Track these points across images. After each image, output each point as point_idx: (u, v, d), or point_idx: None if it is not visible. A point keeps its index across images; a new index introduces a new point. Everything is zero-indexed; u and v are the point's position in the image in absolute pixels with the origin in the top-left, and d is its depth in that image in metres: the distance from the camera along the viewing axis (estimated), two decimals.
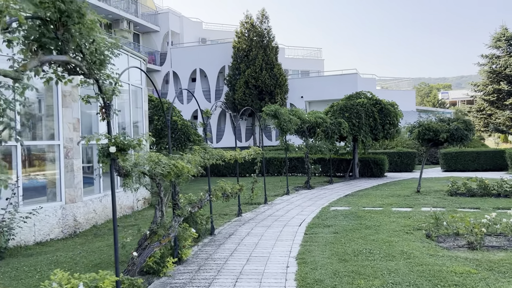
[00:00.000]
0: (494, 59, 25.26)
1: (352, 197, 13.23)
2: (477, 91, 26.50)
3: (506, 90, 24.08)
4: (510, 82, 24.25)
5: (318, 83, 32.73)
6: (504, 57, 24.81)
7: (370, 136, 18.75)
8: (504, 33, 24.87)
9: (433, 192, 13.49)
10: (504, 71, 24.28)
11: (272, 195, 14.16)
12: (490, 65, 25.28)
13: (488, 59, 25.61)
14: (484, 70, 25.68)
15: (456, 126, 11.80)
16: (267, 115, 12.89)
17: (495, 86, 24.65)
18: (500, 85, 24.42)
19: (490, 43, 25.58)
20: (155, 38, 36.94)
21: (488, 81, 25.38)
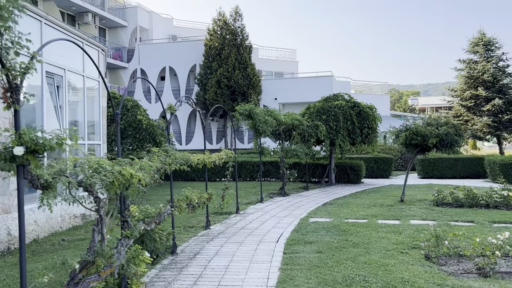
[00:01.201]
0: (471, 64, 24.89)
1: (331, 206, 12.13)
2: (455, 96, 26.10)
3: (484, 95, 23.70)
4: (488, 87, 23.90)
5: (293, 85, 31.74)
6: (481, 62, 24.46)
7: (348, 140, 17.78)
8: (481, 37, 24.55)
9: (417, 202, 12.55)
10: (482, 76, 23.92)
11: (245, 203, 12.90)
12: (468, 70, 24.90)
13: (465, 64, 25.24)
14: (462, 75, 25.28)
15: (446, 130, 10.89)
16: (241, 115, 11.65)
17: (472, 92, 24.25)
18: (478, 90, 24.03)
19: (467, 48, 25.22)
20: (122, 33, 35.13)
21: (466, 86, 24.98)
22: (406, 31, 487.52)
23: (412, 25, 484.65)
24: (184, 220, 10.06)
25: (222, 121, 31.89)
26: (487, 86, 24.05)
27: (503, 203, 11.20)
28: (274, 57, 36.77)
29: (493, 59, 24.31)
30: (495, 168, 18.37)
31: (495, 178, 18.65)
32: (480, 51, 24.75)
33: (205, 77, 29.92)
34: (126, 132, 17.81)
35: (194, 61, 32.75)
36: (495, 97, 23.23)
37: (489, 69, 23.87)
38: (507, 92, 23.50)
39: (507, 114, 22.86)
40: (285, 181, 15.13)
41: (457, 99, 26.01)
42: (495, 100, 22.87)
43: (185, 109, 32.98)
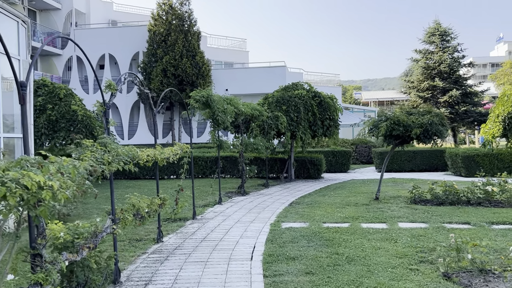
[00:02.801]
0: (428, 54, 24.52)
1: (300, 206, 10.67)
2: (411, 87, 25.68)
3: (441, 86, 23.37)
4: (444, 78, 23.62)
5: (245, 75, 30.12)
6: (438, 53, 24.14)
7: (309, 133, 16.46)
8: (437, 27, 24.22)
9: (392, 199, 11.40)
10: (438, 67, 23.59)
11: (201, 205, 11.14)
12: (424, 60, 24.51)
13: (422, 54, 24.83)
14: (419, 66, 24.87)
15: (430, 120, 9.75)
16: (197, 102, 9.87)
17: (430, 83, 23.86)
18: (435, 81, 23.67)
19: (423, 38, 24.82)
20: (55, 17, 31.81)
21: (422, 77, 24.58)
22: (348, 28, 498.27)
23: (353, 22, 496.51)
24: (129, 230, 8.16)
25: (169, 113, 29.69)
26: (444, 77, 23.77)
27: (486, 199, 10.27)
28: (224, 46, 34.93)
29: (449, 50, 24.07)
30: (457, 161, 17.83)
31: (457, 171, 18.13)
32: (436, 41, 24.43)
33: (149, 65, 27.56)
34: (58, 124, 15.40)
35: (137, 48, 30.24)
36: (452, 88, 22.96)
37: (446, 60, 23.58)
38: (463, 83, 23.33)
39: (463, 106, 22.68)
40: (244, 178, 13.52)
41: (414, 91, 25.62)
42: (453, 91, 22.59)
43: (127, 101, 30.42)
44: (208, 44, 33.36)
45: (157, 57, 27.19)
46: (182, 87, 26.54)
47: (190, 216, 9.54)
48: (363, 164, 26.00)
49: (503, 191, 10.24)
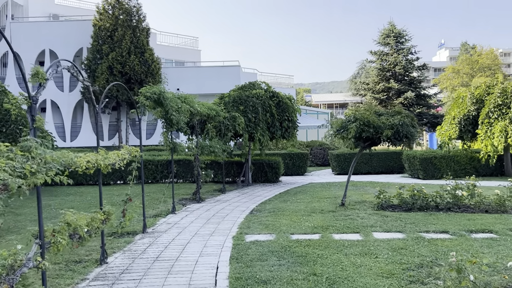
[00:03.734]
0: (383, 56, 24.51)
1: (262, 214, 9.79)
2: (366, 89, 25.58)
3: (396, 88, 23.37)
4: (399, 80, 23.66)
5: (197, 75, 28.90)
6: (393, 55, 24.16)
7: (268, 135, 15.64)
8: (392, 29, 24.26)
9: (358, 204, 10.78)
10: (393, 68, 23.60)
11: (153, 215, 9.97)
12: (380, 62, 24.48)
13: (377, 56, 24.79)
14: (374, 67, 24.81)
15: (401, 121, 9.19)
16: (148, 100, 8.72)
17: (385, 84, 23.83)
18: (390, 83, 23.65)
19: (378, 39, 24.80)
20: None
21: (378, 78, 24.54)
22: (299, 31, 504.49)
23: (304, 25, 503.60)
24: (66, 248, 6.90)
25: (116, 113, 27.90)
26: (399, 79, 23.82)
27: (455, 203, 9.86)
28: (174, 44, 33.50)
29: (404, 52, 24.16)
30: (415, 163, 17.68)
31: (414, 173, 18.00)
32: (391, 43, 24.46)
33: (94, 62, 25.70)
34: None
35: (80, 44, 28.19)
36: (407, 90, 23.02)
37: (400, 61, 23.64)
38: (417, 85, 23.47)
39: (418, 108, 22.81)
40: (200, 184, 12.45)
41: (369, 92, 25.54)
42: (408, 93, 22.64)
43: (69, 100, 28.32)
44: (158, 41, 31.83)
45: (103, 53, 25.40)
46: (129, 86, 24.93)
47: (139, 229, 8.38)
48: (318, 166, 25.63)
49: (472, 196, 9.87)
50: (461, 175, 17.59)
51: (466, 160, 17.54)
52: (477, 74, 58.73)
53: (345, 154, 20.40)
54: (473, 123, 17.36)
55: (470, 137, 17.53)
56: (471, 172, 17.58)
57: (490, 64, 62.52)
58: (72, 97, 28.41)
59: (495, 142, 16.05)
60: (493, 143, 16.13)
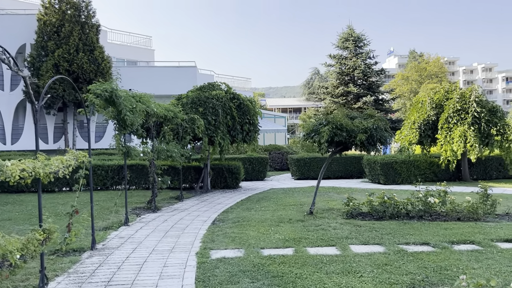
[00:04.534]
0: (342, 59, 24.37)
1: (226, 225, 8.98)
2: (326, 93, 25.35)
3: (355, 92, 23.26)
4: (359, 84, 23.58)
5: (151, 75, 27.60)
6: (352, 58, 24.07)
7: (228, 138, 14.84)
8: (351, 33, 24.19)
9: (326, 213, 10.21)
10: (353, 73, 23.50)
11: (103, 227, 8.89)
12: (339, 66, 24.31)
13: (336, 59, 24.62)
14: (334, 71, 24.62)
15: (375, 124, 8.70)
16: (98, 98, 7.69)
17: (344, 88, 23.67)
18: (349, 87, 23.52)
19: (337, 43, 24.65)
20: None
21: (337, 82, 24.35)
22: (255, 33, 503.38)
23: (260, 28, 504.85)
24: None
25: (61, 115, 26.07)
26: (358, 83, 23.74)
27: (426, 211, 9.50)
28: (127, 43, 31.96)
29: (363, 56, 24.14)
30: (376, 168, 17.48)
31: (375, 178, 17.80)
32: (350, 46, 24.37)
33: (38, 60, 23.85)
34: None
35: (23, 39, 26.15)
36: (366, 94, 22.97)
37: (360, 66, 23.57)
38: (376, 90, 23.48)
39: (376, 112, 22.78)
40: (156, 191, 11.44)
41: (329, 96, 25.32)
42: (367, 97, 22.57)
43: (10, 100, 26.20)
44: (109, 39, 30.23)
45: (48, 50, 23.61)
46: (78, 85, 23.30)
47: (88, 245, 7.33)
48: (276, 171, 25.09)
49: (443, 203, 9.55)
50: (421, 180, 17.58)
51: (426, 165, 17.55)
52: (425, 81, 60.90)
53: (305, 158, 19.97)
54: (432, 128, 17.42)
55: (430, 142, 17.58)
56: (430, 177, 17.63)
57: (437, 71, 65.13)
58: (14, 96, 26.32)
59: (455, 147, 16.12)
60: (453, 148, 16.20)
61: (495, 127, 16.04)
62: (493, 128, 16.04)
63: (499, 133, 15.97)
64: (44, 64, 23.39)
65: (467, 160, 17.53)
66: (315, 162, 20.03)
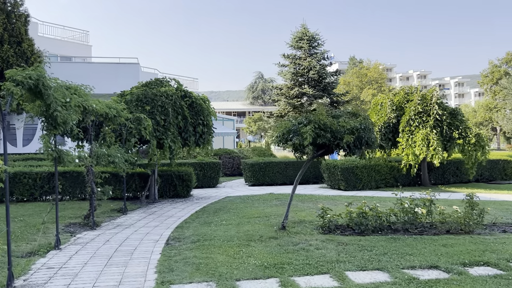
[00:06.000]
0: (296, 60, 23.32)
1: (184, 246, 7.38)
2: (280, 94, 24.14)
3: (311, 94, 22.26)
4: (314, 86, 22.64)
5: (88, 72, 25.06)
6: (306, 59, 23.09)
7: (180, 141, 13.16)
8: (305, 32, 23.23)
9: (299, 226, 8.90)
10: (307, 73, 22.51)
11: (26, 252, 6.97)
12: (293, 66, 23.24)
13: (290, 59, 23.53)
14: (288, 71, 23.51)
15: (364, 124, 7.50)
16: (19, 87, 5.83)
17: (299, 89, 22.60)
18: (304, 88, 22.50)
19: (291, 43, 23.59)
20: None
21: (291, 83, 23.26)
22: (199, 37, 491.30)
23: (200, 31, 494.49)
24: None
25: None
26: (313, 84, 22.79)
27: (411, 223, 8.45)
28: (61, 37, 29.08)
29: (317, 56, 23.24)
30: (336, 173, 16.50)
31: (335, 184, 16.82)
32: (304, 46, 23.38)
33: None
34: None
35: None
36: (322, 96, 22.05)
37: (315, 66, 22.63)
38: (331, 91, 22.66)
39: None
40: (94, 204, 9.56)
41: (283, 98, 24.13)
42: (324, 98, 21.65)
43: None
44: (40, 32, 27.30)
45: None
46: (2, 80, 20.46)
47: (3, 282, 5.46)
48: (227, 176, 23.54)
49: (429, 213, 8.56)
50: (381, 185, 16.87)
51: (387, 170, 16.85)
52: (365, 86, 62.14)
53: (260, 163, 18.66)
54: (393, 131, 16.75)
55: (391, 146, 16.90)
56: (391, 182, 16.97)
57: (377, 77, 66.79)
58: None
59: (417, 151, 15.49)
60: (415, 152, 15.57)
61: (457, 130, 15.61)
62: (455, 132, 15.60)
63: (461, 137, 15.55)
64: None
65: (426, 164, 17.02)
66: (270, 167, 18.76)
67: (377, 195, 14.75)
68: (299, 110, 23.21)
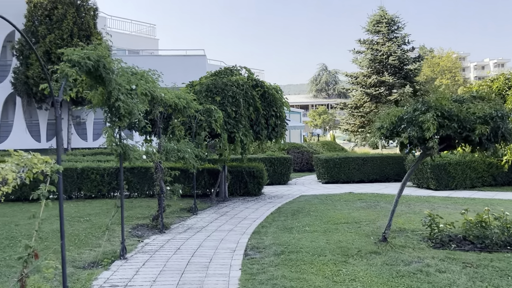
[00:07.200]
0: (374, 45, 21.42)
1: (266, 259, 6.17)
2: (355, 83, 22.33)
3: (390, 82, 20.28)
4: (394, 73, 20.62)
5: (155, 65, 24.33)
6: (385, 44, 21.10)
7: (252, 135, 12.02)
8: (383, 15, 21.22)
9: (400, 236, 7.38)
10: (387, 60, 20.54)
11: (88, 262, 6.07)
12: (370, 52, 21.37)
13: (367, 45, 21.67)
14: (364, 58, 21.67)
15: (500, 112, 5.86)
16: (75, 68, 4.90)
17: (378, 78, 20.70)
18: (384, 76, 20.54)
19: (367, 27, 21.68)
20: None
21: (369, 71, 21.39)
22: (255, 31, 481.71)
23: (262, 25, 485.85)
24: None
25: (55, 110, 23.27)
26: (393, 72, 20.75)
27: None
28: (128, 31, 29.17)
29: (398, 41, 21.16)
30: (425, 170, 14.60)
31: (423, 183, 14.92)
32: (383, 30, 21.36)
33: (27, 47, 21.10)
34: None
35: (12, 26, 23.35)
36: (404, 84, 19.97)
37: (395, 51, 20.58)
38: (413, 79, 20.51)
39: None
40: (164, 204, 8.62)
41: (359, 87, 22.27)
42: (406, 87, 19.58)
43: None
44: (109, 27, 27.45)
45: (38, 36, 20.85)
46: None
47: None
48: (296, 172, 22.15)
49: None
50: (477, 184, 14.75)
51: (484, 167, 14.69)
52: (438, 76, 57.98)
53: (335, 159, 17.11)
54: None
55: None
56: (488, 181, 14.83)
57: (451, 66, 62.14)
58: (2, 89, 23.58)
59: None
60: None
61: None
62: None
63: None
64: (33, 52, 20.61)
65: None
66: (346, 163, 17.15)
67: (477, 196, 12.77)
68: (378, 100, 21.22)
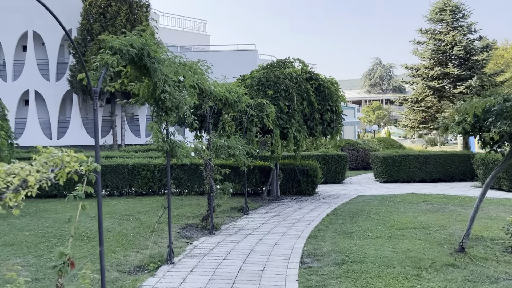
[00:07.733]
0: (437, 34, 19.98)
1: (326, 269, 5.51)
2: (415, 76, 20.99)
3: (456, 74, 18.80)
4: (459, 64, 19.11)
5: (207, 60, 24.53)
6: (449, 33, 19.61)
7: (305, 131, 11.32)
8: (447, 2, 19.71)
9: (478, 246, 6.47)
10: (451, 50, 19.07)
11: (134, 266, 5.67)
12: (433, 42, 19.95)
13: (428, 35, 20.26)
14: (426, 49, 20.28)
15: None
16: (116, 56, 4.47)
17: (441, 69, 19.26)
18: (448, 67, 19.09)
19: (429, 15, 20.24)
20: None
21: (431, 62, 19.98)
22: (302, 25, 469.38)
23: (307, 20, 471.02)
24: None
25: (109, 107, 23.72)
26: (459, 63, 19.24)
27: None
28: (180, 28, 29.25)
29: (463, 29, 19.61)
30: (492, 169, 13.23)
31: (494, 183, 13.56)
32: (447, 18, 19.86)
33: (83, 45, 21.55)
34: None
35: (70, 24, 23.95)
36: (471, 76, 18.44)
37: (460, 41, 19.07)
38: (481, 71, 18.91)
39: None
40: (213, 203, 8.16)
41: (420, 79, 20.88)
42: (473, 79, 18.05)
43: (56, 90, 24.20)
44: (161, 24, 27.62)
45: (93, 33, 21.23)
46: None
47: None
48: (351, 170, 21.17)
49: None
50: None
51: None
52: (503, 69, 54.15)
53: (395, 156, 16.02)
54: None
55: None
56: None
57: None
58: (59, 87, 24.31)
59: None
60: None
61: None
62: None
63: None
64: (89, 50, 21.01)
65: None
66: (407, 161, 16.02)
67: None
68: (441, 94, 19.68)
